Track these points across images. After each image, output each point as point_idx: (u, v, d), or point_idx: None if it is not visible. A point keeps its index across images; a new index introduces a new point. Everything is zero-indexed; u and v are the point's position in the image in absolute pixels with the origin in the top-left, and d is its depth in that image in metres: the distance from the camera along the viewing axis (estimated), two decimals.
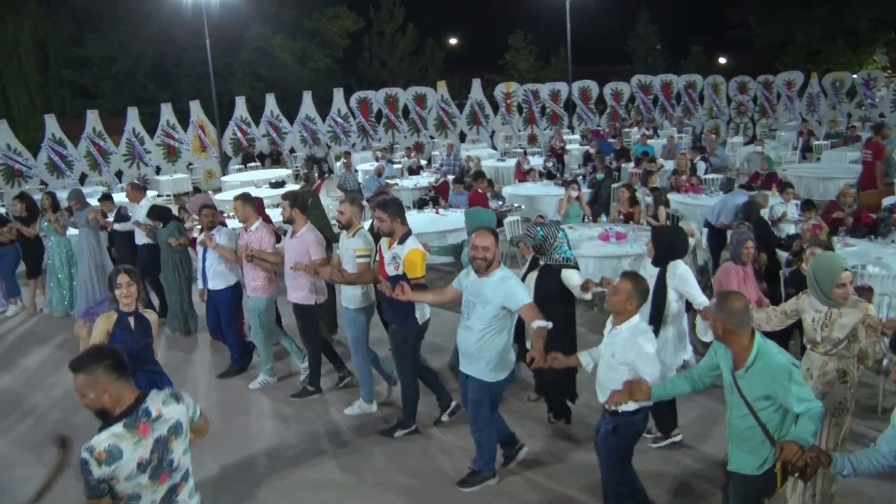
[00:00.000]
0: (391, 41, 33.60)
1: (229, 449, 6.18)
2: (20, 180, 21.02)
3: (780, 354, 3.61)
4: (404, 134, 24.99)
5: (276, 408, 7.04)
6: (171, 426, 3.19)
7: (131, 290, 4.94)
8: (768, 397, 3.57)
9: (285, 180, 17.09)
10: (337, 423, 6.62)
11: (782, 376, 3.50)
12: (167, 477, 3.18)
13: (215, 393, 7.52)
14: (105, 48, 30.23)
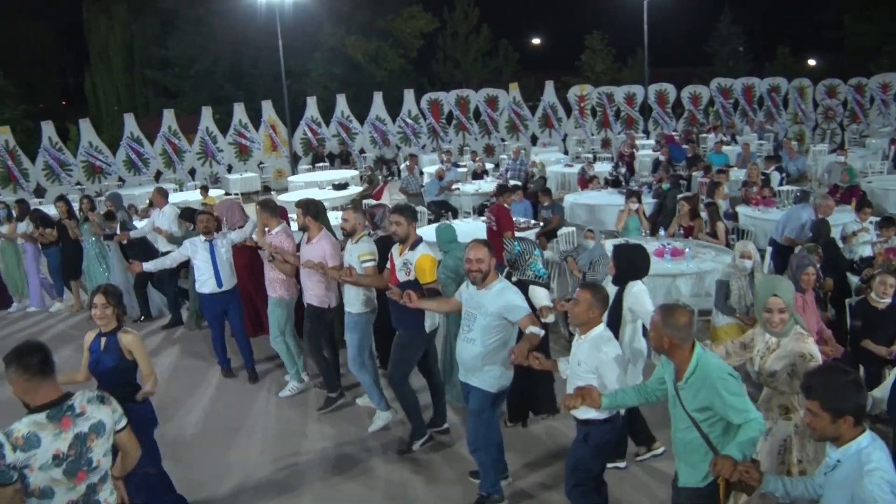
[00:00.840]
0: (465, 42, 33.31)
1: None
2: (100, 176, 21.70)
3: (717, 366, 3.59)
4: (475, 136, 24.72)
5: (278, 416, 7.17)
6: (93, 424, 3.27)
7: (106, 311, 4.83)
8: (707, 408, 3.56)
9: (349, 182, 17.05)
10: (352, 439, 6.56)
11: (718, 387, 3.50)
12: (85, 476, 3.22)
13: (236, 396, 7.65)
14: (186, 49, 31.00)
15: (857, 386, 3.04)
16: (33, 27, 34.71)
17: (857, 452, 2.98)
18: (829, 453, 3.15)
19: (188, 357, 8.90)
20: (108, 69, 32.60)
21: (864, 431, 3.01)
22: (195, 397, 7.71)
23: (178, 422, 7.12)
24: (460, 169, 17.47)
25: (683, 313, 3.66)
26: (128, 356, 4.84)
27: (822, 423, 3.02)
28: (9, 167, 20.74)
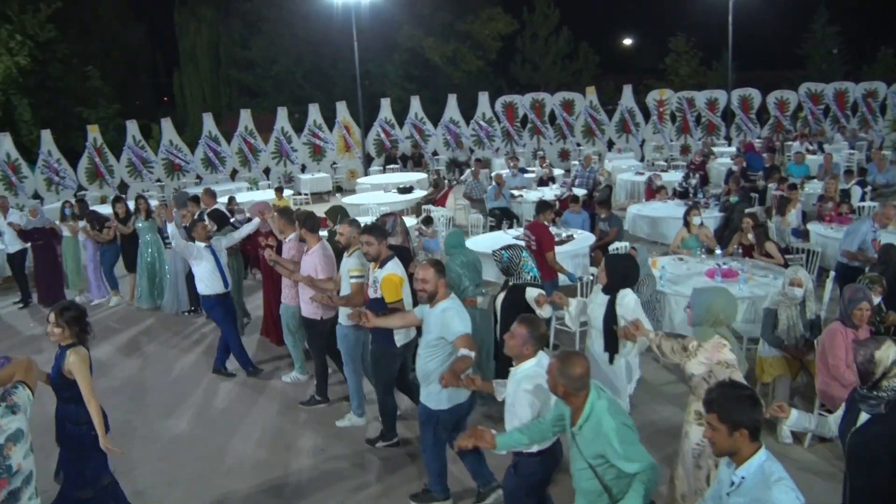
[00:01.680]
0: (544, 44, 32.78)
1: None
2: (179, 174, 22.34)
3: (609, 416, 3.58)
4: (550, 140, 24.31)
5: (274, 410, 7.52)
6: (9, 435, 3.42)
7: (55, 330, 4.85)
8: (601, 455, 3.59)
9: (413, 186, 16.95)
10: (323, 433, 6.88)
11: (611, 436, 3.52)
12: (6, 483, 3.37)
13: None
14: (267, 50, 31.62)
15: (752, 401, 3.15)
16: (129, 30, 36.18)
17: (759, 467, 3.10)
18: (724, 475, 3.25)
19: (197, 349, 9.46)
20: (195, 69, 33.61)
21: (761, 447, 3.15)
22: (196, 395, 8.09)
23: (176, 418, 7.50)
24: (527, 175, 17.12)
25: (580, 364, 3.66)
26: (68, 375, 4.78)
27: (720, 436, 3.14)
28: (96, 164, 21.61)
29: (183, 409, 7.66)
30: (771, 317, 6.41)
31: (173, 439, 7.00)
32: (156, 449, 6.82)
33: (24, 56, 27.09)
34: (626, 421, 3.64)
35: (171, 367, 8.89)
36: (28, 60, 27.28)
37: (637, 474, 3.50)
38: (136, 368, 8.95)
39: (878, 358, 3.78)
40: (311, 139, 23.46)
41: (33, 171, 21.24)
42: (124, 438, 6.87)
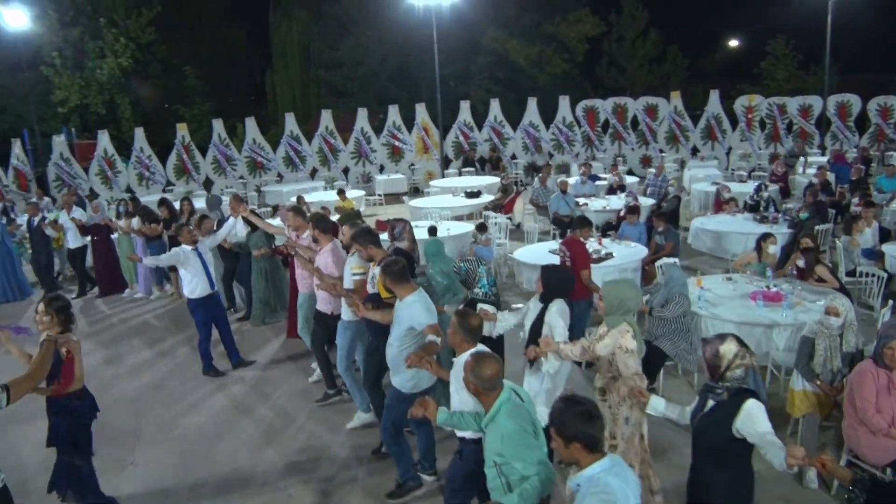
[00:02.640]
0: (631, 46, 32.03)
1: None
2: (260, 171, 22.99)
3: (509, 417, 3.84)
4: (632, 146, 23.74)
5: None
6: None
7: (44, 318, 5.26)
8: (502, 454, 3.83)
9: (481, 191, 16.87)
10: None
11: (508, 440, 3.79)
12: None
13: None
14: (355, 51, 32.19)
15: (587, 416, 3.30)
16: (228, 30, 37.59)
17: (590, 477, 3.27)
18: (570, 480, 3.40)
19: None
20: (286, 69, 34.53)
21: (601, 459, 3.29)
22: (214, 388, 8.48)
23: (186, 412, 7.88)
24: (599, 182, 16.76)
25: (491, 366, 3.90)
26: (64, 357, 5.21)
27: (559, 446, 3.36)
28: (183, 160, 22.49)
29: (199, 403, 8.03)
30: (807, 346, 6.02)
31: (187, 433, 7.33)
32: (170, 439, 7.20)
33: (127, 58, 28.50)
34: (526, 426, 3.85)
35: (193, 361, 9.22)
36: (130, 62, 28.68)
37: (531, 476, 3.74)
38: (159, 361, 9.35)
39: (722, 353, 4.06)
40: (390, 140, 23.71)
41: (127, 166, 22.30)
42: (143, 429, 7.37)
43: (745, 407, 3.91)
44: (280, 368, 8.86)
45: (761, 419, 3.89)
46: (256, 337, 10.03)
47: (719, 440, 4.00)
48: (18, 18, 22.83)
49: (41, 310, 5.31)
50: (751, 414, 3.89)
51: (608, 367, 5.03)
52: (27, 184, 21.57)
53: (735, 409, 3.93)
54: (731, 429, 3.92)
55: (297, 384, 8.31)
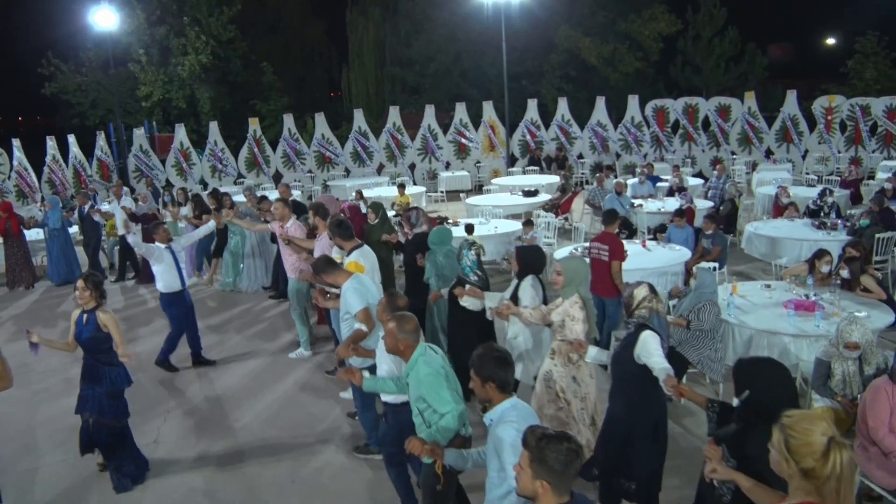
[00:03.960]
0: (708, 45, 31.08)
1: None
2: (328, 166, 23.46)
3: (425, 364, 4.43)
4: (702, 147, 23.15)
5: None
6: None
7: (84, 294, 5.98)
8: (422, 399, 4.41)
9: (539, 190, 16.79)
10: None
11: (425, 382, 4.39)
12: None
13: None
14: (427, 48, 32.39)
15: (501, 361, 3.86)
16: (309, 28, 38.46)
17: (501, 412, 3.77)
18: (485, 416, 3.90)
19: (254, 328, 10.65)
20: (362, 66, 35.06)
21: (510, 398, 3.83)
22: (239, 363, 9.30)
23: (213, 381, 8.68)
24: (660, 184, 16.45)
25: (412, 321, 4.58)
26: (103, 329, 5.96)
27: (476, 385, 3.87)
28: (255, 154, 23.15)
29: (217, 379, 8.73)
30: (823, 368, 5.82)
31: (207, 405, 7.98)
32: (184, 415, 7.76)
33: (207, 54, 29.50)
34: (441, 370, 4.43)
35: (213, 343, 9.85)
36: (210, 58, 29.68)
37: (445, 414, 4.29)
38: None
39: (636, 294, 5.02)
40: (457, 137, 23.82)
41: (201, 159, 23.13)
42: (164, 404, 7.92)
43: (641, 336, 4.76)
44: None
45: (654, 347, 4.69)
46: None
47: (626, 365, 4.83)
48: (108, 19, 23.95)
49: (80, 285, 6.01)
50: (645, 341, 4.71)
51: (560, 332, 5.67)
52: (109, 174, 22.62)
53: (635, 339, 4.77)
54: (634, 355, 4.73)
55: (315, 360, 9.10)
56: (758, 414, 3.59)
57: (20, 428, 7.55)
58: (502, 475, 3.65)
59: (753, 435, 3.54)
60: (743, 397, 3.75)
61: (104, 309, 6.11)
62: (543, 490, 2.98)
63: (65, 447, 6.89)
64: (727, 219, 13.19)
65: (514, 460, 3.24)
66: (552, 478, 2.95)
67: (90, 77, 31.34)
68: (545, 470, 2.94)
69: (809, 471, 2.71)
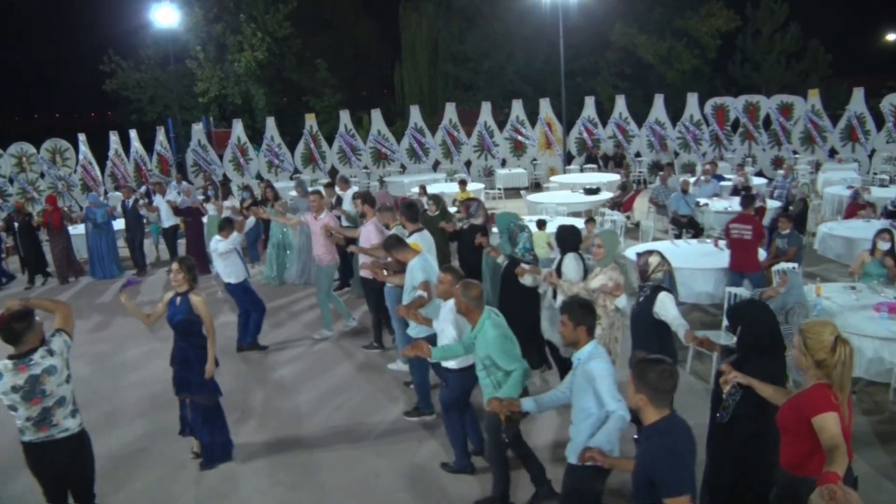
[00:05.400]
0: (768, 42, 30.37)
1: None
2: (384, 162, 23.55)
3: (493, 327, 5.10)
4: (763, 146, 22.66)
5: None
6: (45, 369, 4.52)
7: (178, 276, 6.25)
8: (489, 357, 5.06)
9: (601, 188, 16.62)
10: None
11: (492, 344, 5.04)
12: (39, 401, 4.51)
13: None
14: (482, 45, 32.30)
15: (591, 310, 4.57)
16: (362, 25, 38.70)
17: (588, 352, 4.44)
18: (573, 356, 4.56)
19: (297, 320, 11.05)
20: (415, 63, 35.09)
21: (593, 340, 4.51)
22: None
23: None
24: (723, 183, 16.15)
25: (476, 287, 5.23)
26: (195, 312, 6.20)
27: (566, 329, 4.51)
28: (311, 149, 23.34)
29: (273, 368, 9.05)
30: None
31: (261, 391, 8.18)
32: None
33: (263, 51, 29.85)
34: (506, 333, 5.15)
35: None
36: (266, 55, 30.02)
37: (512, 371, 5.01)
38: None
39: (650, 262, 5.82)
40: (513, 135, 23.71)
41: (258, 154, 23.39)
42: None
43: (659, 297, 5.61)
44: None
45: (670, 306, 5.57)
46: (356, 302, 11.27)
47: (645, 323, 5.66)
48: (169, 16, 24.37)
49: (175, 268, 6.28)
50: (663, 301, 5.57)
51: (601, 297, 6.38)
52: (168, 169, 23.01)
53: (654, 299, 5.60)
54: (652, 313, 5.58)
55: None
56: (751, 346, 4.52)
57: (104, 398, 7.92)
58: (589, 408, 4.34)
59: (750, 362, 4.41)
60: (737, 333, 4.70)
61: (196, 292, 6.34)
62: (643, 402, 3.60)
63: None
64: (798, 218, 12.88)
65: (607, 386, 4.25)
66: (649, 392, 3.56)
67: (148, 74, 32.00)
68: (643, 385, 3.57)
69: (821, 361, 3.69)
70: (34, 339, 4.56)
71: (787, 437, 3.89)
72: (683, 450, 3.53)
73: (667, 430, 3.55)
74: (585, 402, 4.34)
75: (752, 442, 4.43)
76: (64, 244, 14.24)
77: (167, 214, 14.15)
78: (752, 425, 4.41)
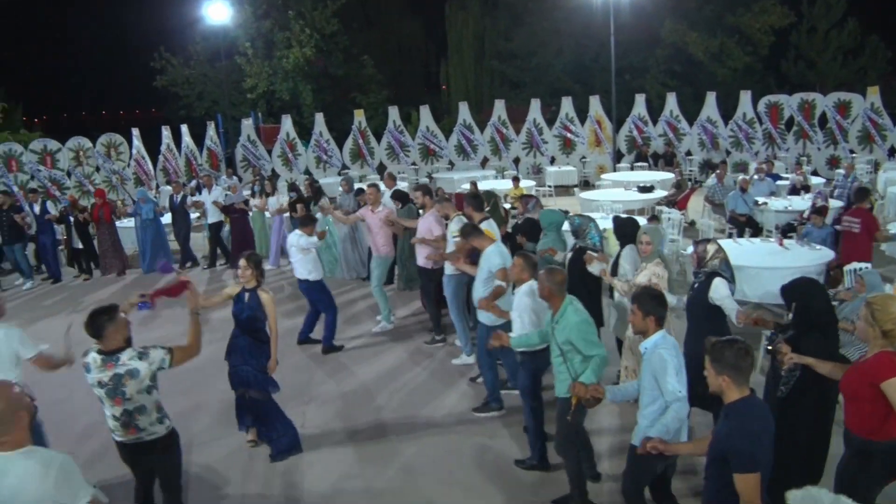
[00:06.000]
0: (824, 38, 29.66)
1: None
2: (433, 158, 23.54)
3: (575, 313, 5.21)
4: (818, 145, 22.17)
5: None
6: (128, 370, 4.52)
7: (246, 272, 6.32)
8: (569, 342, 5.14)
9: (655, 186, 16.38)
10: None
11: (574, 328, 5.13)
12: (120, 402, 4.54)
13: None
14: (529, 42, 32.12)
15: (661, 301, 4.68)
16: (407, 23, 38.83)
17: (655, 341, 4.57)
18: (641, 345, 4.71)
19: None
20: (461, 60, 35.09)
21: (662, 329, 4.62)
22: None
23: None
24: (779, 182, 15.82)
25: (560, 273, 5.39)
26: (263, 308, 6.28)
27: (636, 318, 4.66)
28: (359, 145, 23.42)
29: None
30: None
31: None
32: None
33: (311, 48, 30.04)
34: (587, 318, 5.23)
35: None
36: (313, 51, 30.21)
37: (592, 357, 5.08)
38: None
39: (708, 249, 6.07)
40: (563, 132, 23.52)
41: (306, 150, 23.54)
42: None
43: (714, 282, 5.87)
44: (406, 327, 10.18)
45: (725, 291, 5.82)
46: (405, 297, 11.43)
47: (701, 306, 5.92)
48: (221, 13, 24.65)
49: (244, 265, 6.35)
50: (717, 286, 5.84)
51: None
52: (218, 163, 23.27)
53: (709, 285, 5.88)
54: (708, 297, 5.84)
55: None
56: (806, 323, 4.72)
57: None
58: (654, 394, 4.51)
59: (805, 339, 4.62)
60: (792, 310, 4.88)
61: (264, 289, 6.42)
62: (726, 384, 3.73)
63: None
64: None
65: (672, 376, 4.40)
66: (730, 371, 3.70)
67: (197, 70, 32.41)
68: (724, 366, 3.71)
69: (888, 332, 4.04)
70: (118, 338, 4.59)
71: (856, 403, 4.14)
72: (759, 428, 3.66)
73: (745, 409, 3.70)
74: (651, 390, 4.54)
75: (813, 414, 4.69)
76: (113, 237, 14.45)
77: (212, 210, 14.29)
78: (813, 399, 4.69)
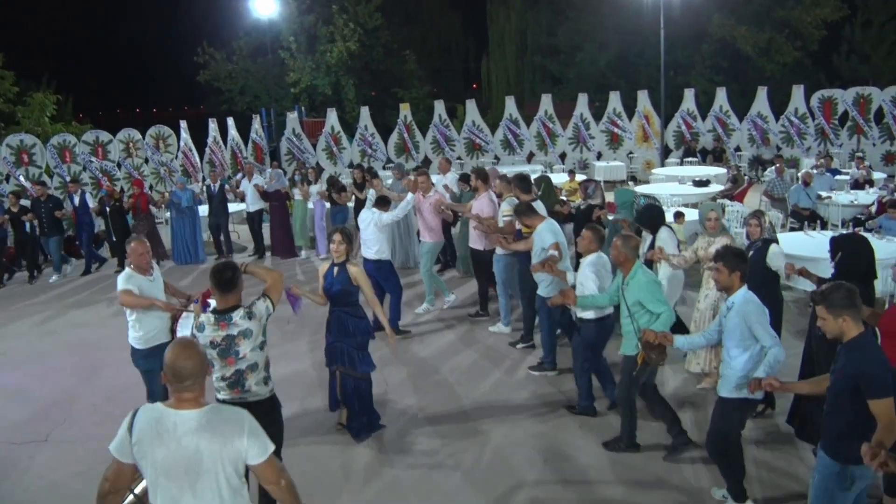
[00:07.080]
0: (879, 32, 28.83)
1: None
2: (478, 153, 23.42)
3: (644, 275, 5.77)
4: (873, 141, 21.66)
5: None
6: (241, 331, 4.57)
7: (340, 247, 6.31)
8: (639, 303, 5.67)
9: (710, 180, 16.10)
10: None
11: (644, 287, 5.66)
12: (233, 361, 4.59)
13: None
14: (573, 37, 31.83)
15: (743, 256, 5.06)
16: (447, 18, 38.79)
17: (742, 295, 4.92)
18: (723, 306, 5.11)
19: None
20: (503, 55, 34.97)
21: (744, 286, 4.96)
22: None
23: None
24: (838, 177, 15.46)
25: (635, 240, 5.96)
26: (354, 282, 6.26)
27: (722, 276, 4.98)
28: (404, 139, 23.37)
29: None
30: None
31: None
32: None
33: (354, 42, 30.07)
34: (656, 279, 5.89)
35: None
36: (357, 46, 30.24)
37: (661, 314, 5.56)
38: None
39: (765, 219, 7.05)
40: (610, 127, 23.27)
41: (351, 143, 23.52)
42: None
43: (771, 248, 6.61)
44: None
45: (780, 255, 6.56)
46: (460, 281, 11.83)
47: (760, 269, 6.44)
48: (268, 7, 24.73)
49: (338, 239, 6.32)
50: (774, 251, 6.57)
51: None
52: (262, 157, 23.33)
53: (765, 251, 6.59)
54: (766, 261, 6.52)
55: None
56: (848, 272, 5.19)
57: None
58: (746, 343, 4.85)
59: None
60: (836, 259, 5.46)
61: (353, 262, 6.40)
62: (847, 323, 3.92)
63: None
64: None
65: (763, 325, 4.78)
66: (848, 311, 3.90)
67: (240, 65, 32.59)
68: (839, 308, 3.91)
69: None
70: (236, 296, 4.64)
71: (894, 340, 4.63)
72: (884, 358, 3.90)
73: (868, 342, 3.96)
74: (742, 339, 4.85)
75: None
76: (149, 228, 14.49)
77: (253, 198, 14.28)
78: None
